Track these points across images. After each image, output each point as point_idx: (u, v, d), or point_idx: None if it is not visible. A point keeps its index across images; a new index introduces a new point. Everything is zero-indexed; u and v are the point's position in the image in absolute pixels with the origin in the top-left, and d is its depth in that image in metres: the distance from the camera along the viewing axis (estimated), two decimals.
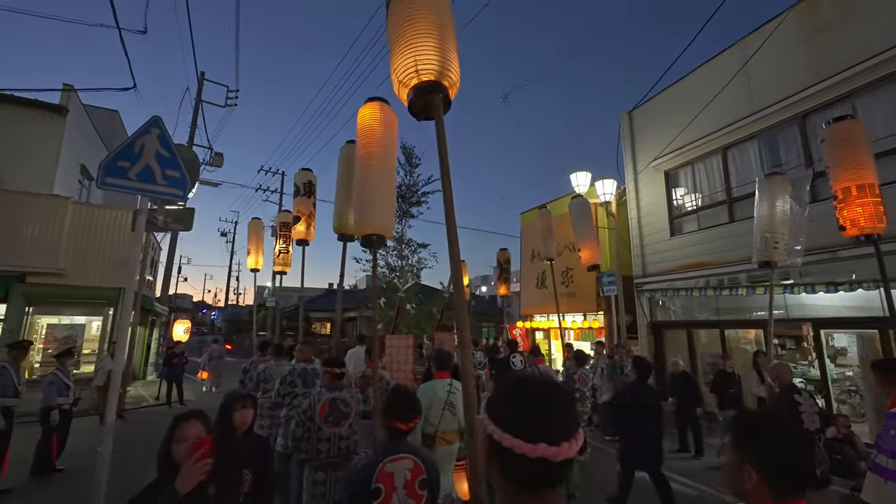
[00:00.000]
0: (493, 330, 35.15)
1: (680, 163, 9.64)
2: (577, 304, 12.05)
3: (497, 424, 0.81)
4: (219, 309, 52.72)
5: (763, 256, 4.64)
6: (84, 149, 13.04)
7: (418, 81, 1.88)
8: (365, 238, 2.98)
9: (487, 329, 36.30)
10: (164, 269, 16.73)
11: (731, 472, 1.17)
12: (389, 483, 1.83)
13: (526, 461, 0.77)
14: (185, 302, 61.29)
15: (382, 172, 2.99)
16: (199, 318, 67.61)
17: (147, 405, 10.52)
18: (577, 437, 0.80)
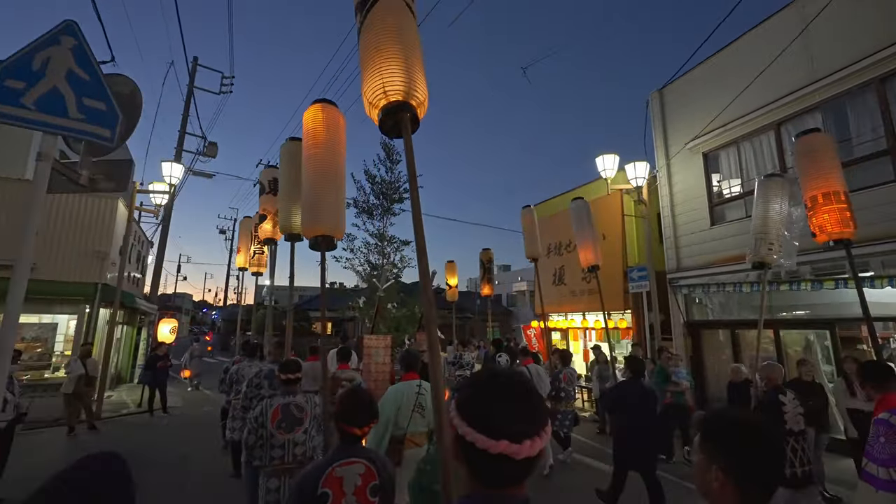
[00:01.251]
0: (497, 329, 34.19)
1: (721, 143, 8.58)
2: (599, 303, 10.97)
3: (462, 419, 0.82)
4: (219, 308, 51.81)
5: (757, 258, 4.66)
6: None
7: (386, 102, 1.94)
8: (313, 240, 2.95)
9: (492, 329, 35.14)
10: (154, 265, 15.76)
11: (698, 473, 1.12)
12: (338, 488, 1.76)
13: (488, 457, 0.78)
14: (185, 301, 60.40)
15: (329, 174, 3.00)
16: (199, 317, 66.84)
17: (127, 412, 9.50)
18: (541, 436, 0.80)
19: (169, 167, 9.93)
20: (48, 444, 7.12)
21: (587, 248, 6.68)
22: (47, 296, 8.92)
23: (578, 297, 11.67)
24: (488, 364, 7.63)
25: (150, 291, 15.84)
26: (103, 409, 9.48)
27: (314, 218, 2.95)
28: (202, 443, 7.44)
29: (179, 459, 6.60)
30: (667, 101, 9.88)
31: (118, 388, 12.84)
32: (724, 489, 1.05)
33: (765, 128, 7.84)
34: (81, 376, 7.59)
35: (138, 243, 12.83)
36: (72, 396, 7.53)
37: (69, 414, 7.55)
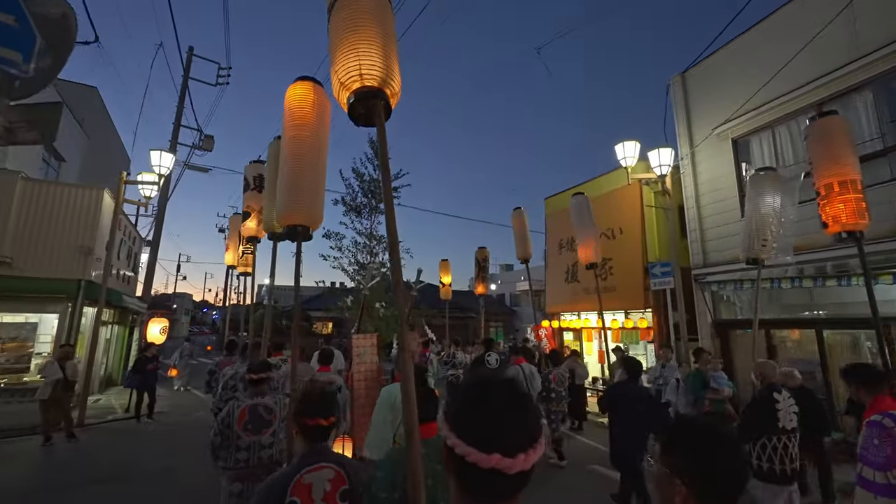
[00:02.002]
0: (500, 330, 33.72)
1: (753, 128, 7.91)
2: (618, 301, 10.33)
3: (452, 429, 0.77)
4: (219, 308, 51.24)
5: (750, 254, 4.62)
6: None
7: (361, 85, 1.83)
8: (289, 229, 2.80)
9: (496, 329, 34.95)
10: (148, 263, 15.14)
11: (658, 483, 1.06)
12: (306, 496, 1.67)
13: (479, 471, 0.72)
14: (186, 301, 59.86)
15: (312, 158, 2.83)
16: (199, 317, 66.27)
17: (113, 418, 8.87)
18: (535, 449, 0.75)
19: (158, 156, 9.31)
20: (20, 455, 6.49)
21: (588, 246, 6.47)
22: (25, 293, 8.30)
23: (593, 294, 10.98)
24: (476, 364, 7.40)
25: (144, 290, 15.23)
26: (88, 415, 8.85)
27: (291, 205, 2.73)
28: (190, 452, 6.79)
29: (163, 471, 5.99)
30: (690, 86, 9.22)
31: (108, 391, 12.21)
32: (687, 501, 1.00)
33: (804, 109, 7.18)
34: (59, 381, 6.95)
35: (129, 239, 12.20)
36: (48, 403, 6.89)
37: (45, 422, 6.92)
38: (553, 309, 12.71)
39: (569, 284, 12.00)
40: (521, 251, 7.76)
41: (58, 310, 8.61)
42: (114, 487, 5.43)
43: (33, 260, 8.43)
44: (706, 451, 1.01)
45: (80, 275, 8.72)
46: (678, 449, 1.05)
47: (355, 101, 1.85)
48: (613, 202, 10.67)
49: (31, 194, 8.57)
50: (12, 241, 8.27)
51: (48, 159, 11.55)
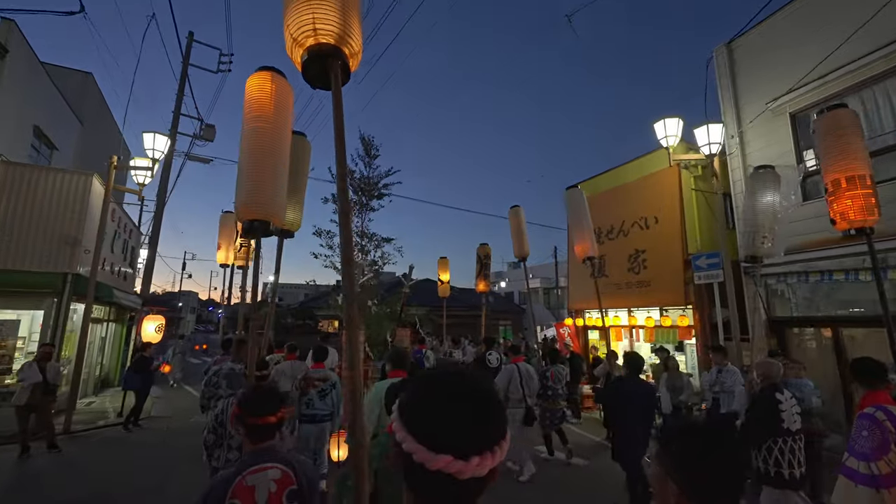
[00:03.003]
0: (509, 329, 33.01)
1: (817, 99, 6.99)
2: (653, 296, 9.45)
3: (403, 424, 0.67)
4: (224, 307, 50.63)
5: (749, 251, 4.65)
6: (39, 107, 10.68)
7: (315, 42, 1.69)
8: (247, 224, 2.74)
9: (504, 328, 34.22)
10: (147, 258, 14.42)
11: (654, 484, 1.07)
12: (249, 498, 1.57)
13: (426, 473, 0.63)
14: (191, 300, 59.47)
15: (271, 151, 2.76)
16: (205, 315, 65.99)
17: (104, 424, 8.12)
18: (493, 453, 0.65)
19: (152, 139, 8.54)
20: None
21: (584, 240, 6.38)
22: (7, 287, 7.55)
23: (624, 290, 10.13)
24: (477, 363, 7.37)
25: (143, 287, 14.52)
26: (78, 421, 8.11)
27: (251, 199, 2.69)
28: (188, 464, 6.03)
29: (153, 490, 5.23)
30: (738, 56, 8.30)
31: (103, 392, 11.52)
32: (681, 502, 0.99)
33: (879, 77, 6.27)
34: (38, 384, 6.20)
35: (124, 232, 11.47)
36: (25, 409, 6.14)
37: (22, 431, 6.17)
38: (577, 305, 11.83)
39: (595, 279, 11.10)
40: (519, 249, 7.69)
41: (42, 306, 7.86)
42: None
43: (15, 251, 7.69)
44: (699, 453, 1.00)
45: (67, 268, 7.98)
46: (673, 450, 1.04)
47: (309, 60, 1.70)
48: (647, 188, 9.78)
49: (13, 179, 7.83)
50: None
51: (38, 146, 10.80)
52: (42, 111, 10.83)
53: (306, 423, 4.48)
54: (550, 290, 40.97)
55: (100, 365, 11.65)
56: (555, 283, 38.47)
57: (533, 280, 41.50)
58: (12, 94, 9.15)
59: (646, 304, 9.66)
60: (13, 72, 9.04)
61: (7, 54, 8.73)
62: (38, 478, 5.65)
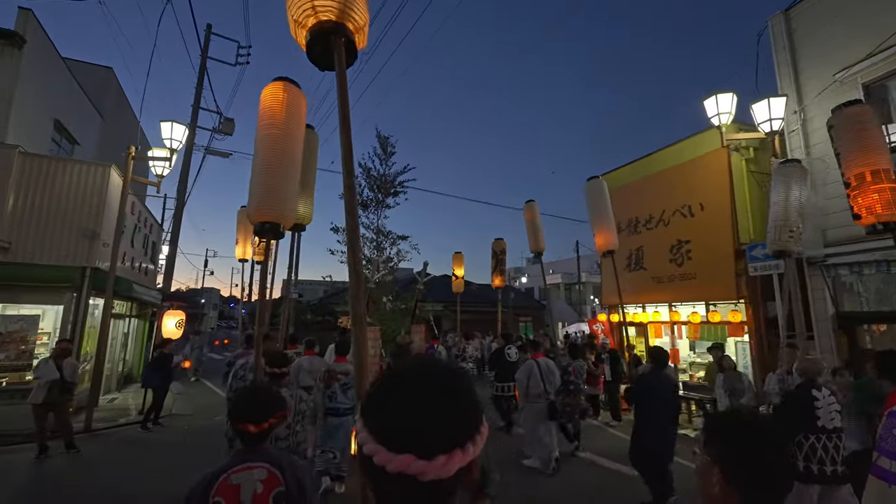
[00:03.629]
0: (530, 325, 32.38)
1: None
2: (699, 290, 8.74)
3: (364, 423, 0.59)
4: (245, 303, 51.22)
5: (777, 246, 4.64)
6: (60, 101, 10.57)
7: (316, 21, 1.63)
8: (258, 226, 2.87)
9: (525, 324, 33.60)
10: (168, 252, 14.32)
11: (700, 472, 1.08)
12: (233, 498, 1.53)
13: (386, 475, 0.54)
14: (213, 296, 60.41)
15: (283, 156, 2.88)
16: (227, 312, 67.09)
17: (125, 422, 7.89)
18: (463, 450, 0.55)
19: (169, 128, 8.27)
20: (5, 471, 5.49)
21: (607, 232, 6.28)
22: (24, 282, 7.36)
23: (665, 284, 9.44)
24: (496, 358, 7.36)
25: (164, 283, 14.44)
26: (99, 419, 7.92)
27: (264, 203, 2.83)
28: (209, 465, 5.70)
29: (174, 493, 4.88)
30: (797, 25, 7.52)
31: (126, 388, 11.40)
32: (724, 494, 1.01)
33: None
34: (55, 382, 5.94)
35: (144, 227, 11.30)
36: (41, 408, 5.89)
37: (39, 430, 5.92)
38: (611, 300, 11.15)
39: (632, 272, 10.43)
40: (534, 244, 7.61)
41: (61, 300, 7.65)
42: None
43: (34, 245, 7.49)
44: (744, 444, 1.02)
45: (85, 261, 7.76)
46: (718, 440, 1.06)
47: (311, 40, 1.63)
48: (691, 174, 9.05)
49: (31, 171, 7.63)
50: (10, 224, 7.34)
51: (59, 140, 10.70)
52: (63, 105, 10.71)
53: (330, 415, 4.49)
54: (572, 286, 40.11)
55: (122, 361, 11.55)
56: (576, 279, 37.62)
57: (553, 275, 40.69)
58: (31, 86, 9.00)
59: (690, 299, 8.96)
60: (32, 63, 8.87)
61: (24, 45, 8.55)
62: (54, 480, 5.38)
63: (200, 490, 1.56)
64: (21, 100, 8.63)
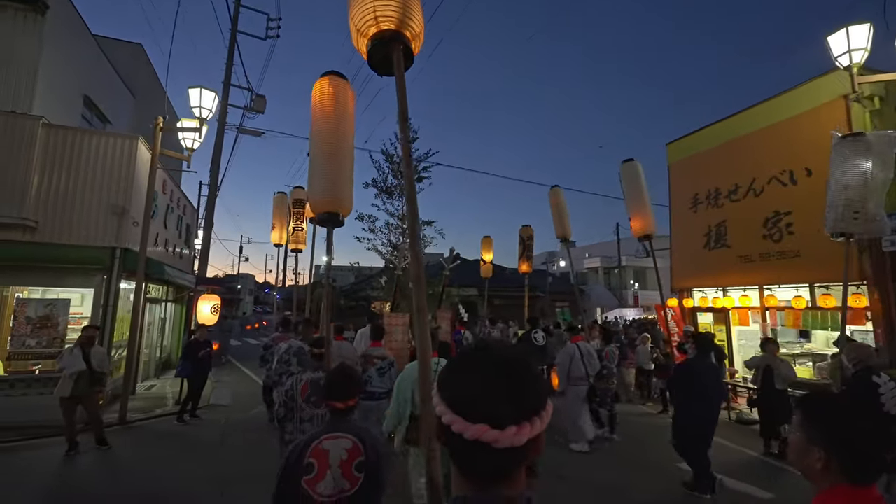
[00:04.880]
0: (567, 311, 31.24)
1: None
2: (802, 270, 7.41)
3: (442, 397, 0.71)
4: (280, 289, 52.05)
5: (838, 228, 4.59)
6: (89, 75, 10.08)
7: (377, 30, 1.74)
8: (320, 216, 3.02)
9: (562, 310, 32.44)
10: (203, 235, 13.93)
11: (797, 451, 1.12)
12: (324, 460, 1.76)
13: (463, 442, 0.66)
14: (248, 282, 61.75)
15: (337, 150, 3.01)
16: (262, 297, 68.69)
17: (162, 413, 7.40)
18: (531, 423, 0.66)
19: (198, 95, 7.54)
20: (33, 467, 4.98)
21: (644, 216, 6.08)
22: (52, 263, 6.86)
23: (756, 263, 8.12)
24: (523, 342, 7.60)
25: (199, 267, 14.10)
26: (135, 408, 7.47)
27: (322, 194, 2.98)
28: (250, 463, 5.06)
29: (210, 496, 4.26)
30: None
31: (165, 375, 11.10)
32: (827, 470, 1.04)
33: None
34: (83, 373, 5.37)
35: (177, 207, 10.80)
36: (69, 400, 5.34)
37: (68, 425, 5.39)
38: (683, 283, 9.89)
39: (711, 251, 9.12)
40: (560, 229, 7.64)
41: (91, 284, 7.14)
42: None
43: (61, 224, 6.98)
44: (847, 422, 1.05)
45: (115, 241, 7.19)
46: (819, 419, 1.09)
47: (373, 48, 1.74)
48: (793, 133, 7.64)
49: (56, 144, 7.07)
50: (36, 202, 6.82)
51: (90, 118, 10.24)
52: (92, 80, 10.22)
53: (365, 399, 4.51)
54: (611, 270, 38.40)
55: (160, 346, 11.22)
56: (617, 262, 35.94)
57: (592, 259, 39.07)
58: (57, 57, 8.46)
59: (791, 280, 7.63)
60: (56, 31, 8.30)
61: (48, 11, 7.96)
62: (81, 480, 4.83)
63: (297, 451, 1.77)
64: (47, 71, 8.09)
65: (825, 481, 1.04)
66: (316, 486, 1.70)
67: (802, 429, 1.10)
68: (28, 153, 6.75)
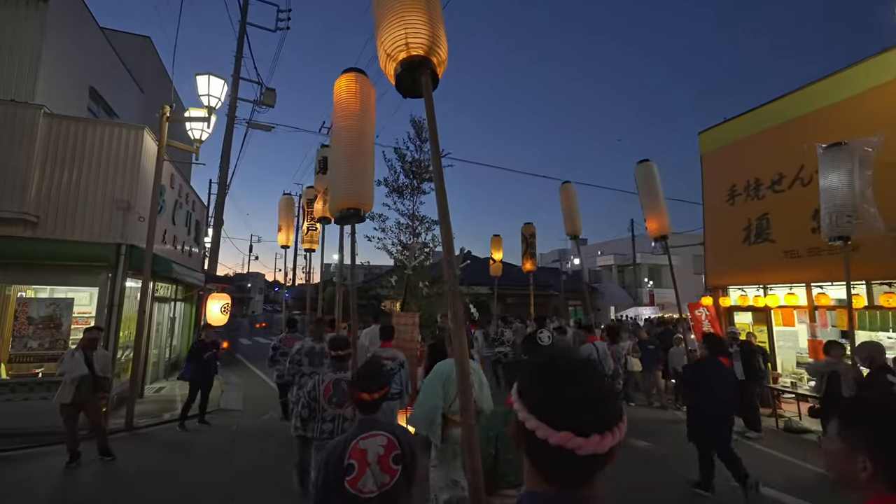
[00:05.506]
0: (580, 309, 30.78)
1: None
2: (856, 267, 6.79)
3: (524, 404, 0.75)
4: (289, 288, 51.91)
5: (835, 232, 4.83)
6: (94, 66, 9.74)
7: (407, 56, 1.80)
8: (342, 213, 3.03)
9: (574, 308, 31.99)
10: (213, 231, 13.61)
11: (838, 461, 1.05)
12: (362, 459, 1.86)
13: (548, 448, 0.70)
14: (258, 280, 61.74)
15: (358, 146, 3.02)
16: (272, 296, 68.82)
17: (171, 418, 7.01)
18: (612, 433, 0.69)
19: (206, 82, 7.12)
20: (29, 480, 4.59)
21: (659, 217, 5.98)
22: (54, 261, 6.50)
23: (804, 259, 7.52)
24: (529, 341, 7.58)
25: (209, 265, 13.78)
26: (143, 412, 7.11)
27: (344, 191, 3.00)
28: (265, 473, 4.63)
29: None
30: None
31: (174, 376, 10.75)
32: (872, 480, 0.98)
33: None
34: (85, 378, 4.98)
35: (186, 203, 10.43)
36: (70, 407, 4.96)
37: (69, 433, 5.00)
38: (718, 281, 9.30)
39: (751, 246, 8.52)
40: (570, 226, 7.58)
41: (96, 282, 6.77)
42: None
43: (63, 219, 6.61)
44: (892, 429, 0.99)
45: (121, 237, 6.81)
46: (863, 426, 1.02)
47: (402, 72, 1.79)
48: (850, 115, 7.02)
49: (59, 136, 6.70)
50: (37, 196, 6.46)
51: (96, 111, 9.90)
52: (99, 72, 9.88)
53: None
54: (625, 268, 37.65)
55: (169, 347, 10.89)
56: (631, 260, 35.22)
57: (605, 256, 38.29)
58: (61, 45, 8.10)
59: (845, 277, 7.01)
60: (61, 20, 7.95)
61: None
62: (83, 495, 4.44)
63: (337, 454, 1.86)
64: (50, 60, 7.73)
65: (870, 491, 1.00)
66: (358, 485, 1.82)
67: (842, 437, 1.05)
68: (29, 144, 6.38)
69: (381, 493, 1.84)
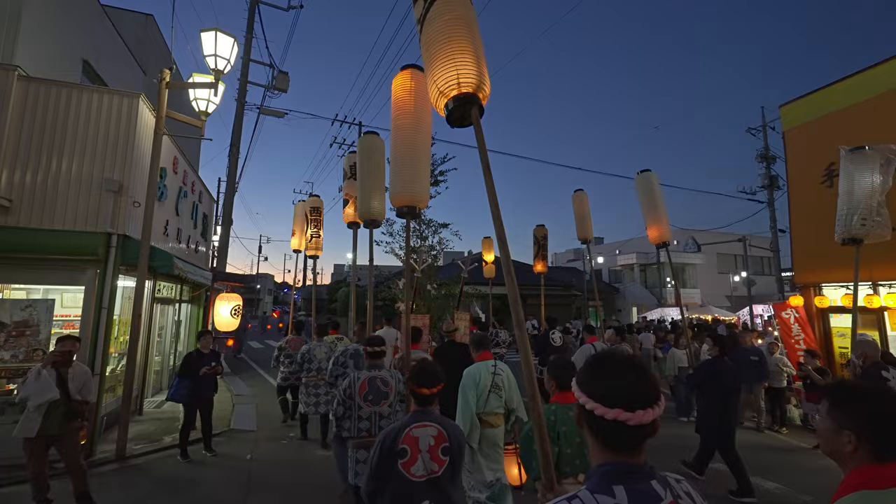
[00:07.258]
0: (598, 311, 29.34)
1: None
2: None
3: (583, 391, 0.98)
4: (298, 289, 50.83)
5: (847, 234, 4.94)
6: (89, 39, 8.66)
7: (458, 92, 1.95)
8: (399, 209, 3.17)
9: (593, 310, 30.63)
10: (222, 225, 12.48)
11: (828, 437, 1.22)
12: (414, 445, 2.05)
13: (605, 423, 0.92)
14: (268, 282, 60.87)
15: (414, 143, 3.11)
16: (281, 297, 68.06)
17: (170, 443, 5.80)
18: (652, 408, 0.91)
19: (212, 40, 5.93)
20: None
21: (660, 225, 6.06)
22: (30, 254, 5.34)
23: None
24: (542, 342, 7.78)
25: (218, 263, 12.65)
26: (139, 436, 5.96)
27: (401, 188, 3.12)
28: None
29: None
30: None
31: None
32: (857, 452, 1.15)
33: None
34: (56, 403, 3.79)
35: (193, 192, 9.27)
36: (35, 443, 3.77)
37: (36, 475, 3.80)
38: (809, 277, 7.94)
39: None
40: (582, 231, 7.68)
41: (81, 280, 5.60)
42: None
43: (41, 203, 5.44)
44: (874, 407, 1.15)
45: (111, 226, 5.63)
46: (847, 405, 1.20)
47: (453, 107, 1.92)
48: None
49: (36, 102, 5.55)
50: (10, 176, 5.31)
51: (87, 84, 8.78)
52: (93, 45, 8.79)
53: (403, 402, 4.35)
54: (648, 267, 36.16)
55: (174, 354, 9.73)
56: (655, 259, 33.76)
57: (628, 256, 36.85)
58: (46, 7, 7.00)
59: None
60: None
61: None
62: None
63: (391, 438, 2.06)
64: (32, 23, 6.63)
65: (853, 462, 1.15)
66: (410, 469, 2.03)
67: (832, 416, 1.21)
68: (1, 112, 5.24)
69: (430, 479, 2.04)
